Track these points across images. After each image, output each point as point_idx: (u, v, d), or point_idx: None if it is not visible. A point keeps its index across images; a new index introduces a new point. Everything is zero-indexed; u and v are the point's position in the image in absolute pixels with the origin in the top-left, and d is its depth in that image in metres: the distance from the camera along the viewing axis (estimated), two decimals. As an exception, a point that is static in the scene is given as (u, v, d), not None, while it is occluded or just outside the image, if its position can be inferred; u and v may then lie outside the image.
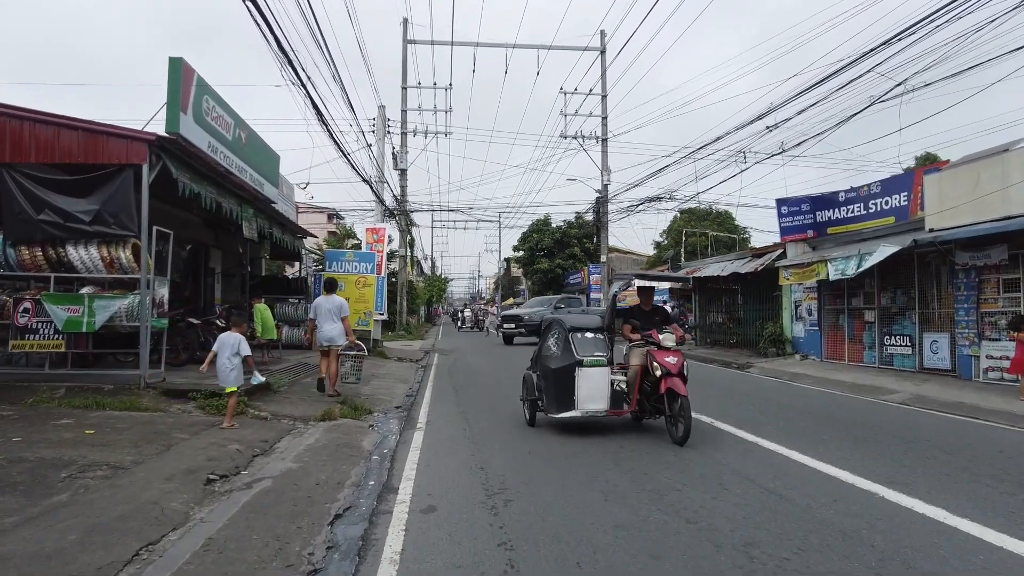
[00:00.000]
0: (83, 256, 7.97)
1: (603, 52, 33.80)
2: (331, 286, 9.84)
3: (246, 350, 7.08)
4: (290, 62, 8.70)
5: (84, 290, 8.14)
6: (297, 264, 20.82)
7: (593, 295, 34.67)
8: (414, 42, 31.73)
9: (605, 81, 33.91)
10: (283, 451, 6.07)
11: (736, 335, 20.62)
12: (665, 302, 33.80)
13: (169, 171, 8.37)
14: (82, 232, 7.92)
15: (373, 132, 20.74)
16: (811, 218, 16.01)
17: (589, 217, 37.55)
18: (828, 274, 13.77)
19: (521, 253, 45.31)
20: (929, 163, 46.68)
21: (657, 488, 4.94)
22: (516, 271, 74.14)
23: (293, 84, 9.38)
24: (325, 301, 9.50)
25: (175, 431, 6.30)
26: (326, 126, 12.04)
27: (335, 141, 13.66)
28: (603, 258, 33.92)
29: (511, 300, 56.97)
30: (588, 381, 6.77)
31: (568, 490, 4.90)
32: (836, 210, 15.31)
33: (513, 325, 25.32)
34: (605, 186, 33.22)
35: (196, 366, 11.09)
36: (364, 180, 18.51)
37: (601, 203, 33.58)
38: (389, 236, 35.89)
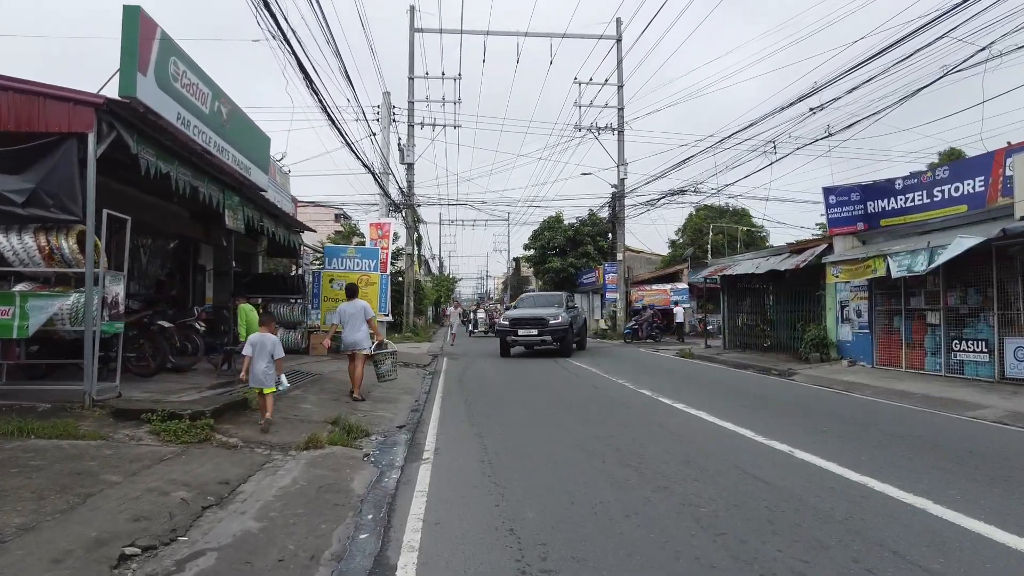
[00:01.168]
0: (15, 245, 6.51)
1: (619, 41, 32.26)
2: (352, 292, 10.02)
3: (280, 353, 7.04)
4: (266, 4, 7.21)
5: (17, 287, 6.68)
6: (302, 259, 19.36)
7: (608, 295, 33.09)
8: (421, 31, 30.31)
9: (621, 71, 32.36)
10: (246, 499, 4.57)
11: (770, 338, 19.05)
12: (676, 303, 32.24)
13: (126, 144, 6.92)
14: (14, 216, 6.46)
15: (378, 120, 19.29)
16: (861, 209, 14.41)
17: (603, 214, 36.00)
18: (889, 270, 12.17)
19: (532, 252, 43.78)
20: (954, 159, 45.02)
21: (758, 555, 3.43)
22: (526, 271, 72.71)
23: (273, 38, 7.90)
24: (349, 306, 9.61)
25: (107, 470, 4.81)
26: (316, 94, 10.57)
27: (330, 117, 12.18)
28: (620, 256, 32.34)
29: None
30: None
31: (637, 571, 3.38)
32: (891, 200, 13.70)
33: (535, 332, 18.02)
34: (622, 180, 31.67)
35: (169, 375, 9.69)
36: (366, 167, 17.05)
37: (617, 198, 32.03)
38: (395, 233, 34.58)
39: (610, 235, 40.98)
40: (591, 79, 31.82)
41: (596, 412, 8.83)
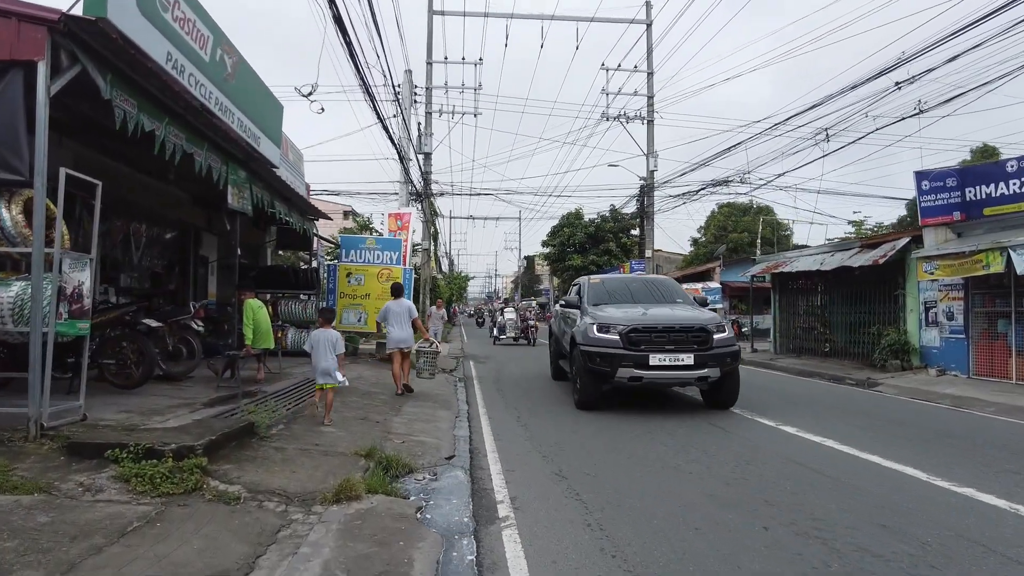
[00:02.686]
0: (-62, 215, 4.75)
1: (649, 25, 30.42)
2: (398, 291, 9.86)
3: (341, 348, 7.09)
4: None
5: (-57, 272, 4.92)
6: (315, 254, 17.49)
7: (636, 294, 31.21)
8: (442, 13, 28.58)
9: (651, 57, 30.49)
10: (251, 613, 2.78)
11: (830, 342, 17.18)
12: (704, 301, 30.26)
13: (95, 85, 5.16)
14: (-64, 175, 4.71)
15: (398, 101, 17.51)
16: (958, 196, 12.54)
17: (630, 208, 34.08)
18: (1012, 265, 10.31)
19: (550, 249, 41.97)
20: (988, 157, 42.90)
21: None
22: (540, 268, 70.93)
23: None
24: (395, 305, 9.52)
25: (27, 559, 3.03)
26: (340, 24, 8.77)
27: (358, 69, 10.40)
28: (648, 253, 30.46)
29: (533, 300, 53.55)
30: None
31: None
32: (1000, 185, 11.82)
33: (687, 359, 8.28)
34: (651, 172, 29.82)
35: (159, 386, 7.91)
36: (393, 143, 15.26)
37: (646, 191, 30.18)
38: (412, 228, 32.82)
39: (634, 231, 39.20)
40: (619, 65, 30.11)
41: (688, 437, 7.01)
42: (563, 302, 12.04)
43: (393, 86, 16.47)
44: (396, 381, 9.50)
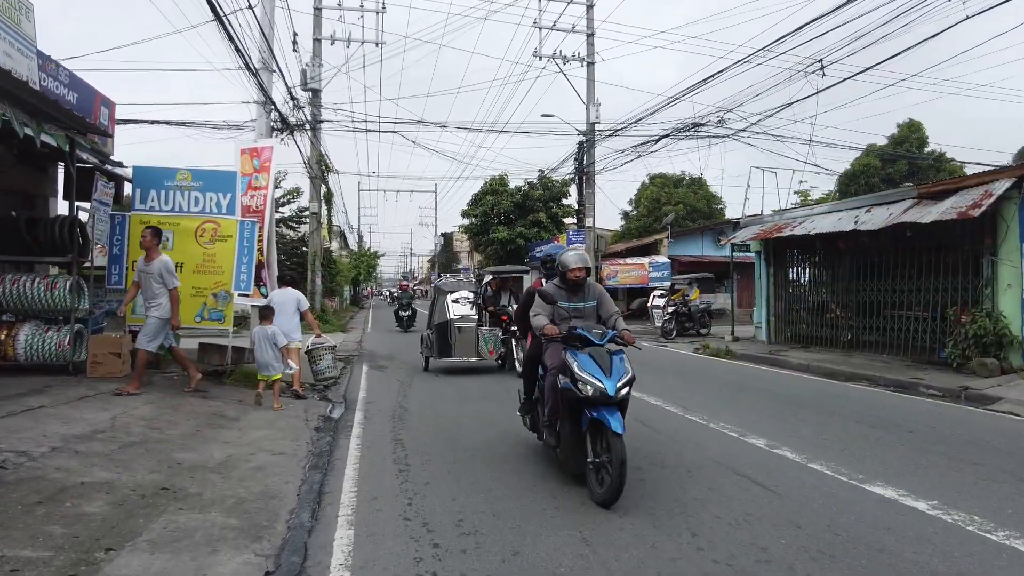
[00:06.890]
0: None
1: (589, -53, 25.30)
2: (290, 280, 9.64)
3: (281, 341, 7.31)
4: None
5: None
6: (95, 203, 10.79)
7: (574, 270, 26.38)
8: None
9: (591, -14, 25.41)
10: None
11: (851, 330, 12.84)
12: (664, 291, 25.83)
13: None
14: None
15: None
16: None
17: (566, 170, 28.95)
18: None
19: (472, 220, 36.32)
20: (914, 132, 40.44)
21: None
22: (459, 245, 65.30)
23: None
24: (279, 295, 8.53)
25: None
26: None
27: None
28: (588, 222, 25.57)
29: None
30: None
31: None
32: None
33: None
34: (592, 124, 24.84)
35: None
36: (222, 23, 9.21)
37: (586, 147, 25.21)
38: (299, 188, 26.53)
39: (566, 199, 34.32)
40: (555, -6, 24.81)
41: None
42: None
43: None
44: (294, 378, 8.34)
